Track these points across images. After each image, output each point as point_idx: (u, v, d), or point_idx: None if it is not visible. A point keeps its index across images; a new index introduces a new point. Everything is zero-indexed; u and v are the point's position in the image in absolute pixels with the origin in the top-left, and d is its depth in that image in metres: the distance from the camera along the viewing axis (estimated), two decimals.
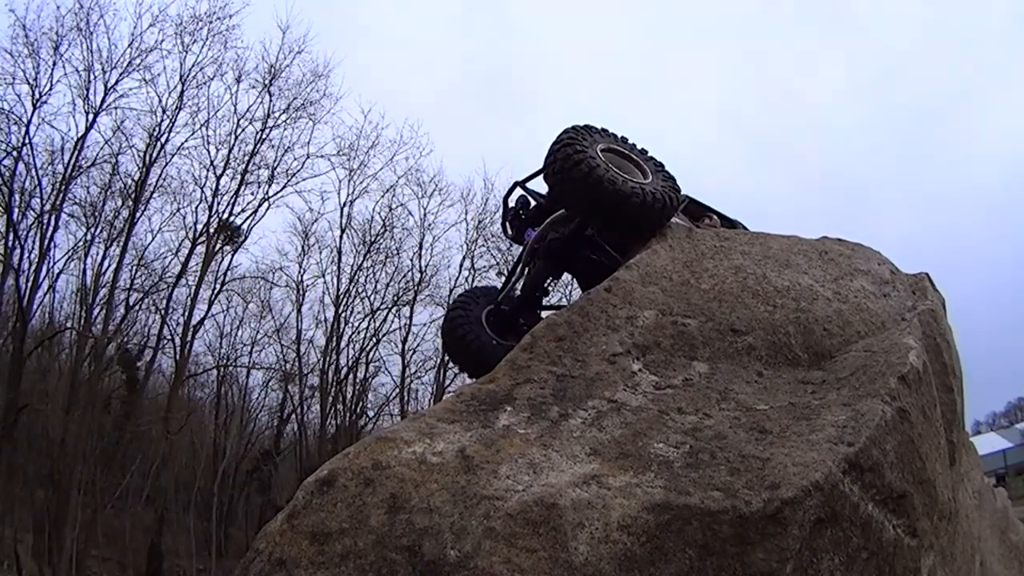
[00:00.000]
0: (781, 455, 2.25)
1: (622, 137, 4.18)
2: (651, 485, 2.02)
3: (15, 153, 16.84)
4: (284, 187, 20.58)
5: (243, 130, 19.96)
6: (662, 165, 4.18)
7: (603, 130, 4.06)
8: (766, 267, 3.49)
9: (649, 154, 4.26)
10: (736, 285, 3.31)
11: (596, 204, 3.65)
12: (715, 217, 5.17)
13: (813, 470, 2.20)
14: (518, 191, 4.63)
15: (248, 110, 20.08)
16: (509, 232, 4.70)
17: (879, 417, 2.51)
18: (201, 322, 20.32)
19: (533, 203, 4.47)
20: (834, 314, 3.28)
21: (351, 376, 22.17)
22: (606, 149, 3.89)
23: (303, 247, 22.37)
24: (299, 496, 1.99)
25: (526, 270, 4.38)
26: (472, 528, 1.84)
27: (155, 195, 19.44)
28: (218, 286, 20.49)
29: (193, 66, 19.29)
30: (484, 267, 22.48)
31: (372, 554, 1.83)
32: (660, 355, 2.82)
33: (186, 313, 19.65)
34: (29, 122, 17.11)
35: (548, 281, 4.51)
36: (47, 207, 17.37)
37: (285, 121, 20.40)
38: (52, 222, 17.45)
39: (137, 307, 19.80)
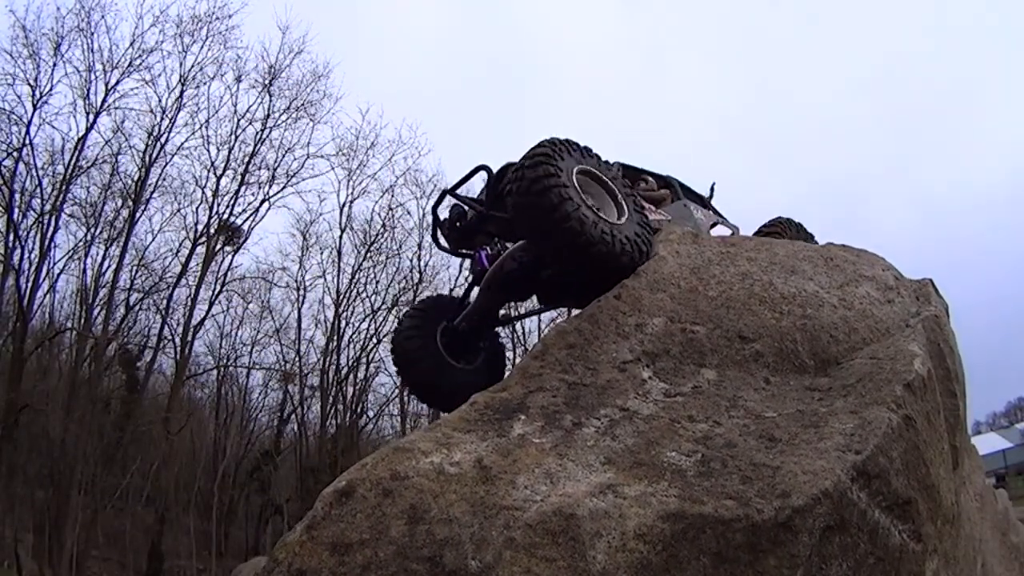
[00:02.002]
0: (791, 463, 2.28)
1: (605, 161, 3.76)
2: (665, 494, 2.05)
3: (16, 153, 16.84)
4: (284, 187, 20.61)
5: (243, 130, 19.99)
6: (641, 207, 3.76)
7: (584, 149, 3.65)
8: (772, 274, 3.52)
9: (631, 189, 3.81)
10: (743, 292, 3.34)
11: (557, 243, 3.22)
12: (650, 179, 5.00)
13: (822, 478, 2.24)
14: (451, 199, 4.16)
15: (248, 110, 20.10)
16: (444, 245, 4.26)
17: (885, 425, 2.55)
18: (201, 322, 20.34)
19: (470, 212, 4.04)
20: (840, 321, 3.32)
21: (351, 376, 22.18)
22: (583, 172, 3.49)
23: (303, 247, 22.38)
24: (318, 507, 2.01)
25: (483, 294, 4.04)
26: (492, 538, 1.87)
27: (155, 195, 19.47)
28: (218, 286, 20.51)
29: (193, 66, 19.31)
30: None
31: (393, 565, 1.86)
32: (669, 362, 2.86)
33: (186, 313, 19.67)
34: (30, 122, 17.12)
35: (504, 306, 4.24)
36: (47, 207, 17.37)
37: (285, 121, 20.42)
38: (52, 222, 17.45)
39: (137, 307, 19.82)
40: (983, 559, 3.83)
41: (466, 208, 4.08)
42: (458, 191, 4.28)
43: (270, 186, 20.42)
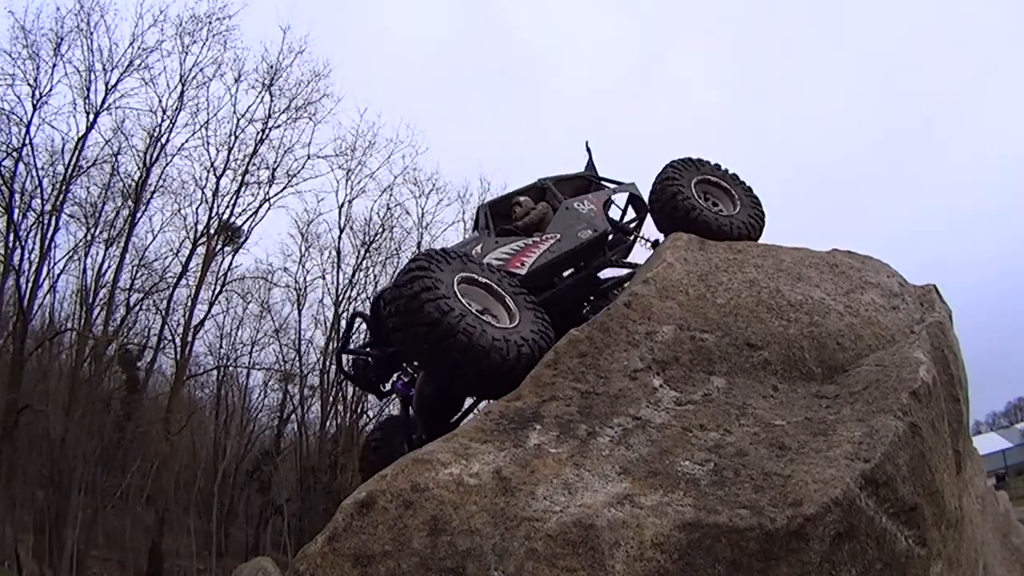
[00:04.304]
0: (802, 472, 2.32)
1: (487, 265, 3.53)
2: (681, 504, 2.09)
3: (16, 153, 16.80)
4: (284, 188, 20.59)
5: (243, 131, 19.97)
6: (534, 301, 3.47)
7: (463, 256, 3.45)
8: (779, 281, 3.56)
9: (519, 287, 3.50)
10: (751, 299, 3.37)
11: (445, 360, 2.96)
12: (523, 200, 4.70)
13: (832, 487, 2.28)
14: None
15: (248, 110, 20.09)
16: (365, 384, 4.21)
17: (892, 433, 2.59)
18: (201, 322, 20.31)
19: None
20: (846, 328, 3.36)
21: None
22: (467, 280, 3.27)
23: (303, 248, 22.37)
24: (338, 518, 2.04)
25: (420, 419, 3.93)
26: (514, 549, 1.91)
27: (155, 195, 19.45)
28: (218, 286, 20.50)
29: (193, 66, 19.29)
30: None
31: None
32: (679, 370, 2.89)
33: (186, 313, 19.65)
34: (30, 123, 17.07)
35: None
36: (47, 207, 17.33)
37: (285, 121, 20.40)
38: (52, 222, 17.40)
39: (137, 307, 19.80)
40: (985, 561, 3.87)
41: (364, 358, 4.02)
42: (354, 333, 4.41)
43: (270, 186, 20.44)
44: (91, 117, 17.79)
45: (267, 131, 20.17)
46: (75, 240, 18.75)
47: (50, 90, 17.46)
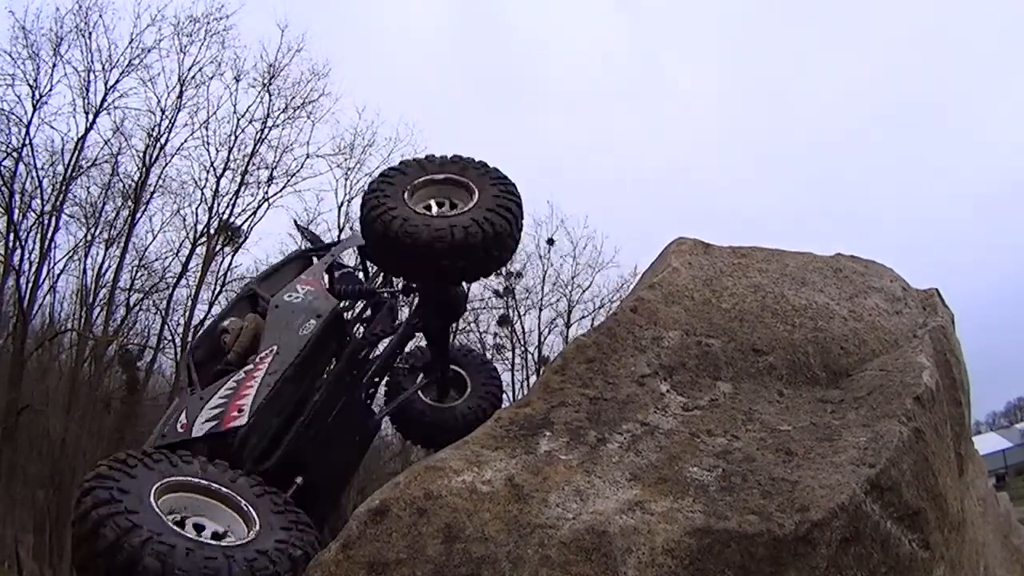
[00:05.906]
0: (808, 477, 2.37)
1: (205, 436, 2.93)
2: (691, 510, 2.13)
3: (16, 154, 16.84)
4: (283, 188, 20.60)
5: (242, 131, 19.98)
6: (284, 500, 2.93)
7: (179, 455, 2.80)
8: (783, 285, 3.59)
9: (265, 488, 2.86)
10: (756, 304, 3.40)
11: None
12: (229, 323, 4.05)
13: (839, 492, 2.32)
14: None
15: (248, 110, 20.09)
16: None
17: (897, 438, 2.63)
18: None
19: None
20: (850, 333, 3.39)
21: None
22: (178, 487, 2.62)
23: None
24: (352, 526, 2.07)
25: None
26: (528, 557, 1.95)
27: (155, 196, 19.47)
28: (218, 287, 20.52)
29: (192, 67, 19.30)
30: None
31: None
32: (686, 376, 2.93)
33: (187, 314, 19.69)
34: (29, 123, 17.10)
35: None
36: (47, 208, 17.36)
37: (284, 121, 20.41)
38: (52, 223, 17.43)
39: (137, 308, 19.82)
40: (985, 562, 3.91)
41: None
42: None
43: (269, 186, 20.45)
44: (91, 117, 17.83)
45: (266, 130, 20.21)
46: (75, 240, 18.79)
47: (50, 90, 17.51)
